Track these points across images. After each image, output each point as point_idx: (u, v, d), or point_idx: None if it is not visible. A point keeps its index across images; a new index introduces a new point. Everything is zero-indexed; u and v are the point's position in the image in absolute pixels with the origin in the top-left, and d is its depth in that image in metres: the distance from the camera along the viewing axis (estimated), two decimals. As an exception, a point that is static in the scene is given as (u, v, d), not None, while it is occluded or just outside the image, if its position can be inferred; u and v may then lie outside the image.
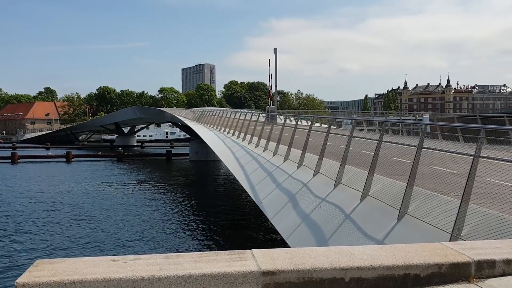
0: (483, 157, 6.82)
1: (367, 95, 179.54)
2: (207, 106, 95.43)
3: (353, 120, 13.74)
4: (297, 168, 14.11)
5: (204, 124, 44.77)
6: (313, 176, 12.54)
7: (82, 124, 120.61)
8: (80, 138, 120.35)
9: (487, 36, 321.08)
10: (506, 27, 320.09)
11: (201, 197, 34.33)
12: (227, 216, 26.98)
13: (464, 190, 6.60)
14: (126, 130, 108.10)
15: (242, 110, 38.30)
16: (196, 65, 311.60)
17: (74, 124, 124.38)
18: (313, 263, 3.89)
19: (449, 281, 4.09)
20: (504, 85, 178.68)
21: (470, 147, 8.02)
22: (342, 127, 30.37)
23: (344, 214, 9.31)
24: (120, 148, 75.33)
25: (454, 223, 6.51)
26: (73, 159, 65.26)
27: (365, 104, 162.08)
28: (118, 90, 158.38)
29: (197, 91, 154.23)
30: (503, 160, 6.58)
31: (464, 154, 7.50)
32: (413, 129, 31.04)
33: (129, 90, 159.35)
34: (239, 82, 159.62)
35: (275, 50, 42.14)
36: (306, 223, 10.26)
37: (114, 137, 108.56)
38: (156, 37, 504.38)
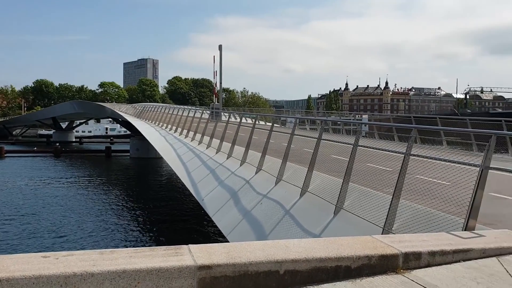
0: (414, 155, 7.17)
1: (310, 95, 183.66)
2: (150, 102, 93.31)
3: (296, 119, 13.99)
4: (240, 165, 14.18)
5: (145, 120, 43.85)
6: (256, 173, 12.66)
7: (16, 118, 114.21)
8: (14, 133, 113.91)
9: (424, 41, 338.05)
10: (441, 33, 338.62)
11: (141, 195, 33.62)
12: (168, 214, 26.62)
13: (396, 187, 6.93)
14: (64, 125, 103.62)
15: (185, 107, 37.85)
16: (138, 60, 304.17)
17: (7, 118, 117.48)
18: (249, 257, 3.95)
19: (378, 272, 4.28)
20: (439, 88, 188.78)
21: (403, 146, 8.39)
22: (287, 125, 30.83)
23: (284, 210, 9.48)
24: (58, 144, 72.16)
25: (386, 218, 6.82)
26: (5, 155, 61.73)
27: (308, 104, 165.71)
28: (56, 83, 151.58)
29: (139, 86, 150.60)
30: (431, 158, 6.95)
31: (396, 152, 7.85)
32: (352, 128, 32.11)
33: (68, 84, 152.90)
34: (183, 78, 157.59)
35: (220, 47, 42.06)
36: (247, 220, 10.36)
37: (51, 132, 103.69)
38: (97, 30, 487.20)
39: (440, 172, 6.81)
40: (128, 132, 73.69)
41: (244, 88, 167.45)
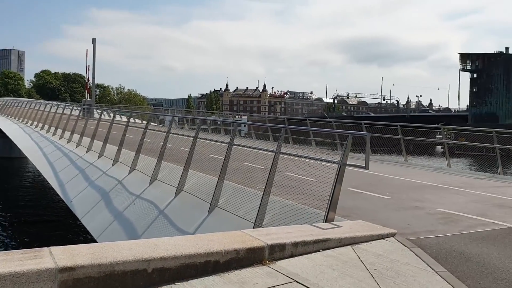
0: (283, 153, 7.55)
1: (190, 95, 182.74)
2: (14, 97, 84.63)
3: (172, 117, 13.84)
4: (113, 165, 13.60)
5: (7, 116, 39.81)
6: (129, 173, 12.25)
7: None
8: None
9: (299, 48, 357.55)
10: (314, 41, 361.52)
11: (1, 197, 30.37)
12: (32, 217, 24.43)
13: (266, 183, 7.24)
14: None
15: (54, 103, 35.08)
16: (1, 50, 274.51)
17: None
18: (116, 257, 3.84)
19: (245, 265, 4.45)
20: (311, 93, 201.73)
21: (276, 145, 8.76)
22: (166, 124, 30.30)
23: (158, 210, 9.33)
24: None
25: (257, 213, 7.09)
26: None
27: (188, 103, 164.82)
28: None
29: (1, 79, 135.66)
30: (297, 156, 7.40)
31: (268, 150, 8.21)
32: (232, 129, 32.75)
33: None
34: (53, 72, 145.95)
35: (93, 41, 39.76)
36: (118, 221, 9.98)
37: None
38: None
39: (308, 170, 7.29)
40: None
41: (120, 84, 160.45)
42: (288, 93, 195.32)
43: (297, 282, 4.12)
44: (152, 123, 17.37)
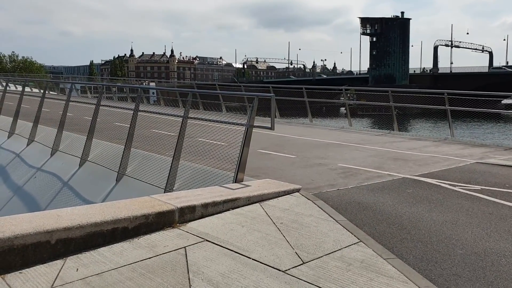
0: (191, 117, 7.51)
1: (92, 61, 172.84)
2: None
3: (72, 84, 13.05)
4: (8, 137, 12.62)
5: None
6: (28, 145, 11.47)
7: None
8: None
9: (206, 11, 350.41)
10: (221, 4, 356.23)
11: None
12: None
13: (175, 149, 7.20)
14: None
15: None
16: None
17: None
18: (14, 230, 3.64)
19: (155, 229, 4.45)
20: (221, 58, 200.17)
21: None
22: (67, 93, 28.44)
23: (62, 182, 8.91)
24: None
25: (167, 179, 7.06)
26: None
27: (91, 70, 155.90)
28: None
29: None
30: (206, 120, 7.43)
31: (176, 115, 8.12)
32: (137, 95, 31.63)
33: None
34: None
35: (-23, 2, 35.79)
36: (18, 196, 9.38)
37: None
38: None
39: (218, 135, 7.35)
40: None
41: (13, 52, 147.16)
42: (197, 59, 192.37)
43: (208, 240, 4.22)
44: (51, 92, 16.29)
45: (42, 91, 18.94)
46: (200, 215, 4.87)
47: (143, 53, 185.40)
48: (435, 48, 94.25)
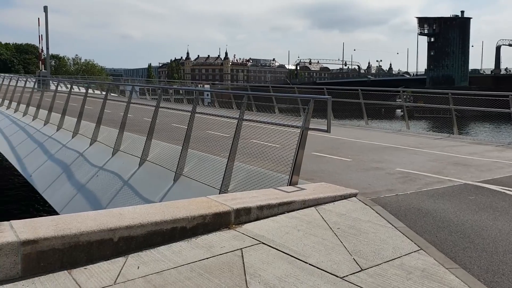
0: (246, 119, 7.58)
1: (150, 64, 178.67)
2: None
3: (132, 87, 13.53)
4: (73, 137, 13.25)
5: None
6: (90, 144, 11.99)
7: None
8: None
9: (260, 13, 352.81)
10: (277, 6, 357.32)
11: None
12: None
13: (230, 150, 7.27)
14: None
15: (6, 75, 33.50)
16: None
17: None
18: (80, 227, 3.80)
19: (212, 229, 4.51)
20: (274, 60, 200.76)
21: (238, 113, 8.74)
22: (127, 95, 29.58)
23: (123, 181, 9.24)
24: None
25: (223, 180, 7.14)
26: None
27: (149, 73, 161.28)
28: None
29: None
30: (260, 122, 7.45)
31: (231, 117, 8.20)
32: (194, 97, 32.31)
33: None
34: (3, 43, 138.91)
35: (45, 8, 37.87)
36: (82, 194, 9.82)
37: None
38: None
39: (271, 136, 7.35)
40: None
41: (77, 55, 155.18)
42: (251, 61, 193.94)
43: (263, 243, 4.22)
44: (112, 94, 16.97)
45: (103, 93, 19.79)
46: (256, 217, 4.88)
47: (198, 55, 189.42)
48: (498, 48, 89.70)
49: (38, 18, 40.38)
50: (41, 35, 40.68)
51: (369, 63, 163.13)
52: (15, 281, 3.39)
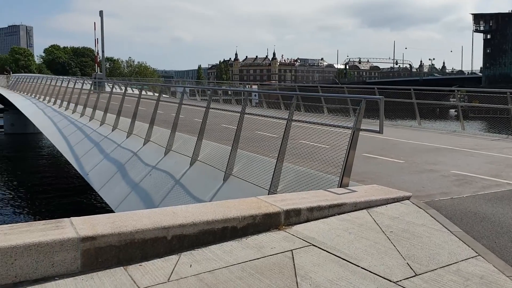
0: (295, 120, 7.55)
1: (200, 65, 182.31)
2: (25, 73, 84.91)
3: (184, 88, 13.83)
4: (127, 137, 13.72)
5: (20, 92, 40.04)
6: (144, 144, 12.37)
7: None
8: None
9: (309, 13, 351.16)
10: (326, 5, 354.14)
11: (20, 172, 30.99)
12: (50, 190, 24.94)
13: (279, 151, 7.27)
14: None
15: (65, 77, 35.16)
16: (9, 26, 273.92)
17: None
18: (135, 225, 3.93)
19: (262, 230, 4.53)
20: (322, 59, 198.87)
21: (288, 113, 8.75)
22: (177, 96, 30.30)
23: (174, 180, 9.46)
24: None
25: (271, 180, 7.16)
26: None
27: (199, 74, 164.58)
28: None
29: (11, 55, 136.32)
30: (310, 122, 7.40)
31: (280, 118, 8.21)
32: (242, 98, 32.56)
33: None
34: (62, 46, 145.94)
35: (100, 13, 39.35)
36: (135, 192, 10.15)
37: None
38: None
39: (320, 137, 7.28)
40: (1, 106, 66.68)
41: (130, 57, 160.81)
42: (299, 61, 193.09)
43: (314, 245, 4.19)
44: (163, 95, 17.41)
45: (155, 94, 20.33)
46: (306, 219, 4.86)
47: (246, 56, 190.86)
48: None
49: (94, 23, 42.05)
50: (97, 38, 42.33)
51: (421, 61, 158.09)
52: (75, 276, 3.56)
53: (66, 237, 3.62)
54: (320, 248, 4.14)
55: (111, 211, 10.58)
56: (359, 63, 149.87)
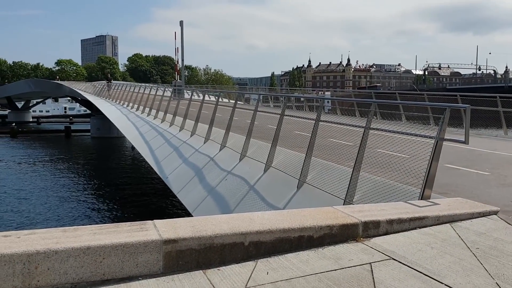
0: (373, 128, 7.37)
1: (273, 72, 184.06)
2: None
3: (259, 95, 14.02)
4: (204, 143, 14.16)
5: (106, 98, 42.73)
6: (220, 150, 12.69)
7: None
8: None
9: (386, 18, 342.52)
10: (404, 10, 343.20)
11: (104, 174, 33.08)
12: (132, 192, 26.38)
13: (356, 160, 7.12)
14: (20, 105, 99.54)
15: (147, 85, 37.05)
16: (97, 36, 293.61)
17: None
18: (214, 230, 4.02)
19: (339, 241, 4.45)
20: (399, 65, 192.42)
21: (364, 121, 8.57)
22: (250, 103, 30.81)
23: (249, 186, 9.60)
24: (14, 124, 69.57)
25: (347, 190, 7.02)
26: (-43, 137, 59.14)
27: (272, 81, 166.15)
28: (9, 61, 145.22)
29: (98, 63, 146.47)
30: (390, 131, 7.15)
31: (357, 126, 8.04)
32: (315, 105, 32.38)
33: (23, 62, 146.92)
34: (144, 55, 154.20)
35: (181, 23, 41.05)
36: (212, 196, 10.42)
37: (6, 112, 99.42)
38: (51, 4, 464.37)
39: (399, 146, 7.04)
40: (88, 111, 71.59)
41: (207, 65, 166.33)
42: (374, 66, 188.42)
43: (394, 259, 4.05)
44: (238, 102, 17.77)
45: (230, 101, 20.76)
46: (385, 231, 4.71)
47: (320, 63, 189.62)
48: None
49: (175, 32, 43.97)
50: (177, 47, 44.18)
51: (506, 67, 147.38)
52: (157, 277, 3.70)
53: (150, 239, 3.78)
54: (400, 262, 3.99)
55: (188, 213, 10.96)
56: (439, 68, 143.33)
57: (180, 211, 19.38)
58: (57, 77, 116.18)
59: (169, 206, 22.15)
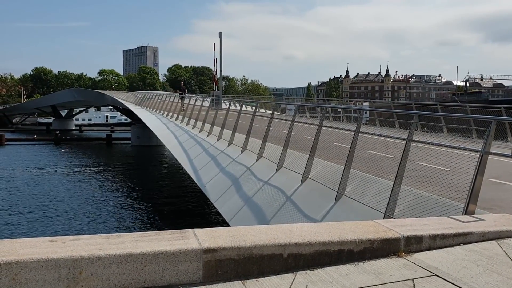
0: (415, 141, 7.21)
1: (310, 83, 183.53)
2: (150, 90, 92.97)
3: (296, 106, 14.01)
4: (241, 153, 14.24)
5: (146, 108, 43.73)
6: (257, 160, 12.72)
7: (16, 106, 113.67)
8: (14, 121, 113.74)
9: (428, 28, 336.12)
10: (446, 20, 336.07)
11: (144, 181, 33.77)
12: (170, 200, 26.78)
13: (397, 173, 6.98)
14: (63, 113, 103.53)
15: (188, 94, 37.74)
16: (138, 47, 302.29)
17: (7, 106, 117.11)
18: (253, 240, 4.02)
19: (380, 255, 4.36)
20: (439, 76, 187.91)
21: (404, 132, 8.43)
22: (287, 113, 30.82)
23: (285, 196, 9.56)
24: (58, 132, 72.32)
25: (388, 203, 6.89)
26: (6, 143, 61.88)
27: (308, 92, 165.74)
28: (55, 71, 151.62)
29: (139, 74, 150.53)
30: (432, 144, 6.99)
31: (398, 138, 7.90)
32: (353, 115, 32.05)
33: (67, 71, 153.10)
34: (183, 66, 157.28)
35: (220, 34, 41.69)
36: (248, 206, 10.44)
37: (50, 120, 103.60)
38: (95, 16, 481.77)
39: (441, 159, 6.86)
40: (129, 120, 73.70)
41: (244, 76, 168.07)
42: (414, 77, 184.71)
43: (437, 276, 3.92)
44: (275, 112, 17.79)
45: (267, 111, 20.82)
46: (427, 246, 4.58)
47: (358, 73, 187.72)
48: None
49: (214, 43, 44.71)
50: (216, 58, 44.87)
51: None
52: (197, 286, 3.72)
53: (190, 248, 3.80)
54: (444, 279, 3.86)
55: (225, 222, 11.02)
56: (481, 80, 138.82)
57: (217, 219, 19.52)
58: (113, 87, 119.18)
59: (206, 214, 22.35)
